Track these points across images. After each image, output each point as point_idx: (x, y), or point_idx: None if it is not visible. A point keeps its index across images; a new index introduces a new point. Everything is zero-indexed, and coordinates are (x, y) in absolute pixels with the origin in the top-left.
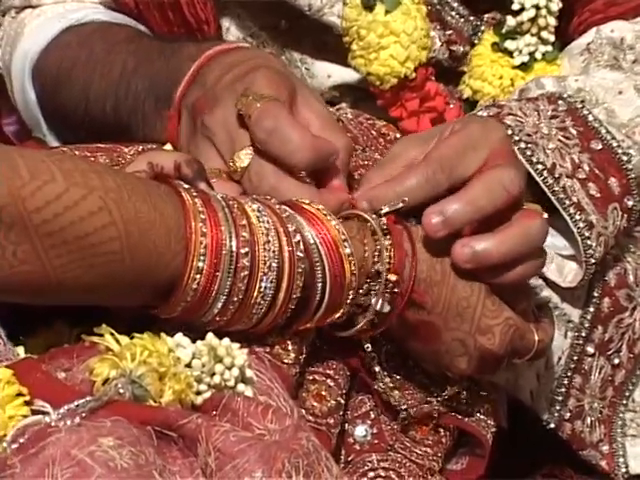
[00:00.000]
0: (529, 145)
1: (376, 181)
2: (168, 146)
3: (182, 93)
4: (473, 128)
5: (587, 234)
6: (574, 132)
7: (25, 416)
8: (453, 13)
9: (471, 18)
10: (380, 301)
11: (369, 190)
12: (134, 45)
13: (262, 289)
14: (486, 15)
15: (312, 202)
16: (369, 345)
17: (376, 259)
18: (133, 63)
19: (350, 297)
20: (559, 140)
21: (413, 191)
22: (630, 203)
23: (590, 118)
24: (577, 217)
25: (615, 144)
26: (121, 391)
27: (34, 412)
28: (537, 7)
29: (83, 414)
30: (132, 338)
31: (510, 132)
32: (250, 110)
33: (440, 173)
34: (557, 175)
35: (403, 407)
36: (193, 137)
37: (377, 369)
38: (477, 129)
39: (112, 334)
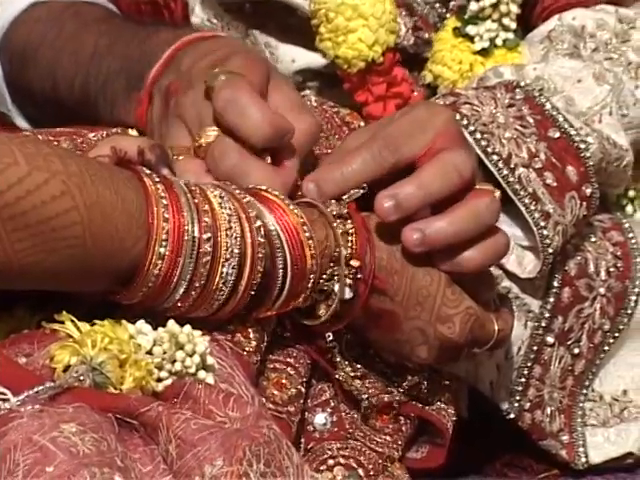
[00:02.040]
0: (485, 135)
1: None
2: (133, 131)
3: (155, 76)
4: (419, 111)
5: (543, 224)
6: (531, 120)
7: None
8: (420, 1)
9: (437, 5)
10: (342, 287)
11: (315, 173)
12: (107, 25)
13: (224, 275)
14: (452, 2)
15: (269, 188)
16: (330, 334)
17: (337, 244)
18: (106, 43)
19: (311, 281)
20: (515, 129)
21: (359, 170)
22: (588, 191)
23: (548, 106)
24: (532, 207)
25: (573, 132)
26: (82, 378)
27: None
28: None
29: (43, 400)
30: (93, 325)
31: (465, 122)
32: (214, 83)
33: (385, 150)
34: (512, 165)
35: (364, 396)
36: (164, 118)
37: (338, 359)
38: (423, 112)
39: (73, 321)
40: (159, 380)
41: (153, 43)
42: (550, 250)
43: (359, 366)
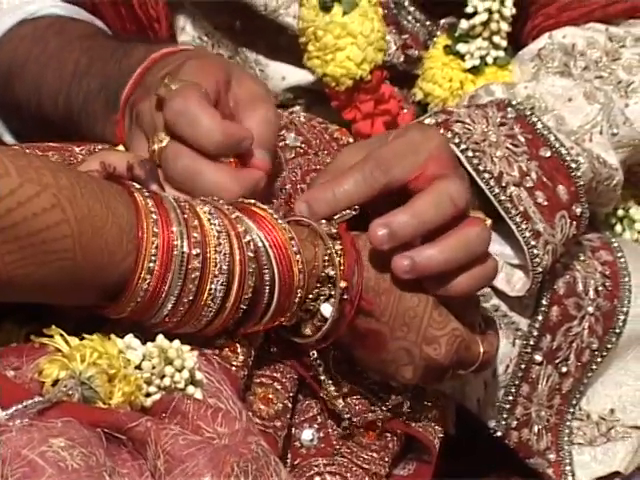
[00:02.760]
0: (476, 154)
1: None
2: (121, 147)
3: (127, 95)
4: (413, 134)
5: (533, 243)
6: (522, 139)
7: None
8: (409, 17)
9: (427, 23)
10: (328, 306)
11: (307, 193)
12: (88, 43)
13: (212, 291)
14: (442, 20)
15: (258, 203)
16: (315, 352)
17: (326, 263)
18: (86, 61)
19: (298, 298)
20: (507, 148)
21: (351, 191)
22: (579, 210)
23: (539, 125)
24: (523, 226)
25: (564, 151)
26: (70, 392)
27: None
28: (490, 11)
29: (32, 414)
30: (82, 339)
31: (457, 140)
32: (166, 93)
33: (377, 170)
34: (504, 184)
35: (346, 416)
36: (129, 129)
37: (322, 377)
38: (417, 135)
39: (62, 335)
40: (148, 395)
41: (128, 62)
42: (540, 269)
43: (345, 383)
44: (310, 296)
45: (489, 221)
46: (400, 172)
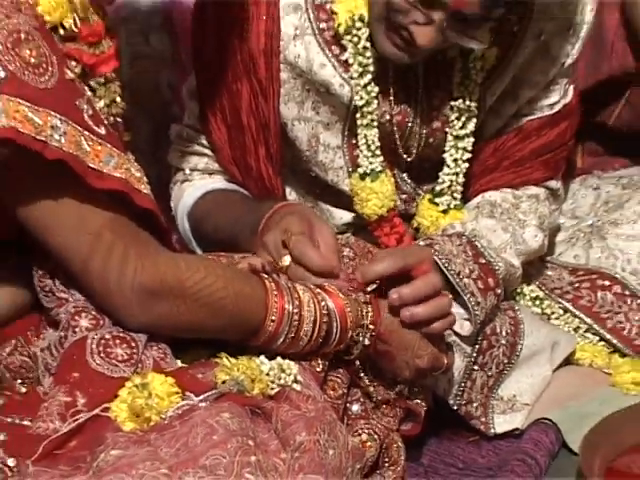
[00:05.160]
0: (447, 260)
1: None
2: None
3: (261, 230)
4: (415, 247)
5: (476, 308)
6: (470, 253)
7: (177, 402)
8: (408, 186)
9: (417, 188)
10: (364, 339)
11: (361, 268)
12: (241, 203)
13: (304, 332)
14: (425, 186)
15: (330, 285)
16: (357, 362)
17: (363, 317)
18: (241, 212)
19: (349, 335)
20: (462, 257)
21: (384, 268)
22: (499, 291)
23: (478, 245)
24: (471, 300)
25: (492, 259)
26: (231, 388)
27: (184, 399)
28: (451, 181)
29: (211, 399)
30: (237, 359)
31: (437, 254)
32: (288, 240)
33: (399, 259)
34: (461, 277)
35: (374, 396)
36: (258, 248)
37: (361, 375)
38: (417, 248)
39: (226, 357)
40: (272, 389)
41: (263, 212)
42: (478, 321)
43: (373, 379)
44: (354, 334)
45: (450, 296)
46: (411, 260)
